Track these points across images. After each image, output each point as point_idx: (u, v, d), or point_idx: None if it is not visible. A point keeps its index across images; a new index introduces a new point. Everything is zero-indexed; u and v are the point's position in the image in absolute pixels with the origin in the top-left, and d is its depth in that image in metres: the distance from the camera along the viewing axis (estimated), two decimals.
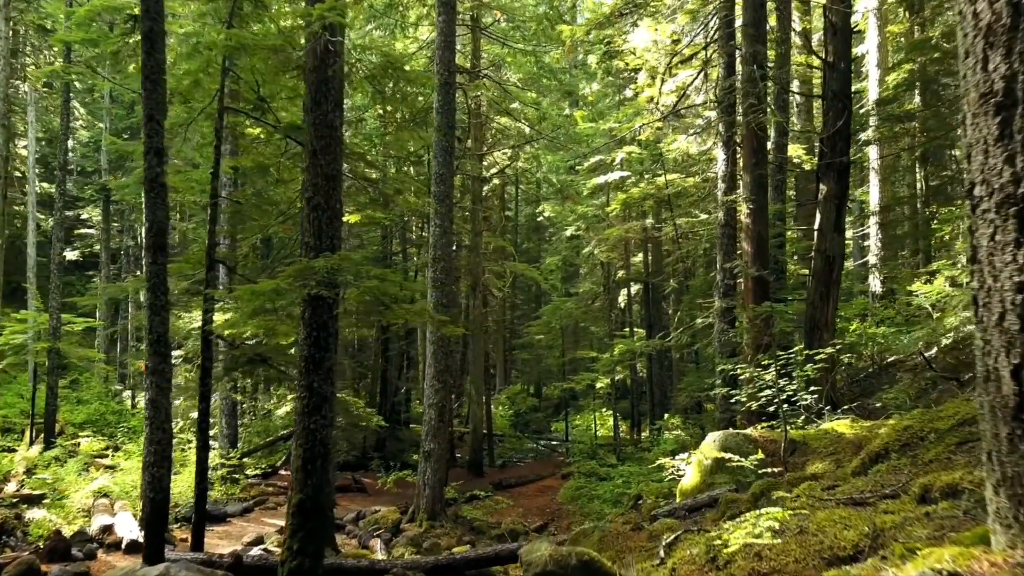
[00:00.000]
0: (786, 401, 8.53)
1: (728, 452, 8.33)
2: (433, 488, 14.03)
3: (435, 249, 14.35)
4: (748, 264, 12.41)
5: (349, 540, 12.98)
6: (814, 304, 12.12)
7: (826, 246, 12.08)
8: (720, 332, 12.75)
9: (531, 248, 43.77)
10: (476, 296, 21.44)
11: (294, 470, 6.70)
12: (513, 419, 32.94)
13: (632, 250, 26.98)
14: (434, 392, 14.19)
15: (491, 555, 7.95)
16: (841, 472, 6.46)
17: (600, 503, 16.17)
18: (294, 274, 6.34)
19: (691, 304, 20.42)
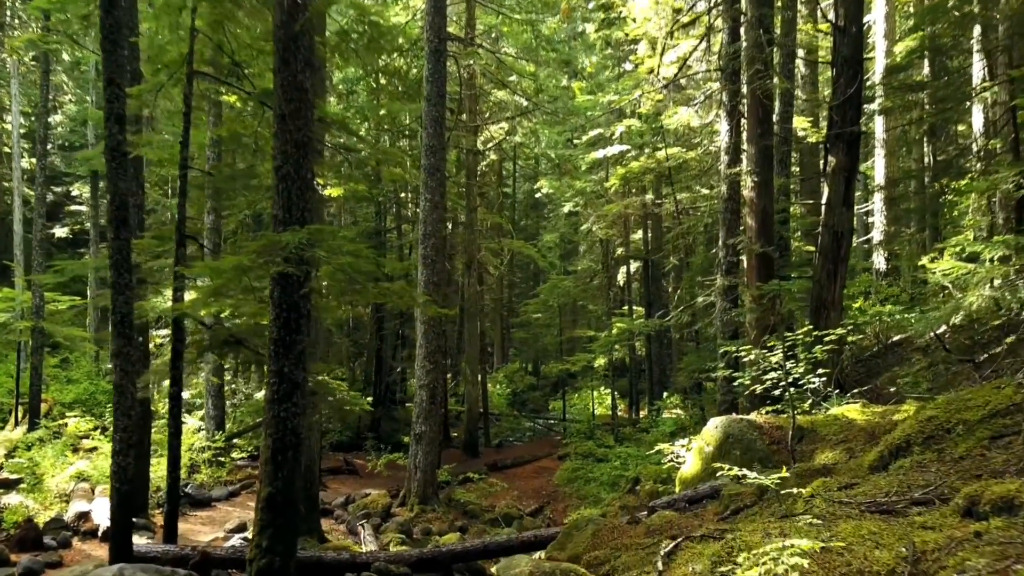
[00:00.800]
0: (792, 384, 8.01)
1: (731, 439, 7.85)
2: (425, 471, 13.60)
3: (425, 225, 13.78)
4: (752, 240, 11.85)
5: (337, 525, 12.56)
6: (820, 282, 11.58)
7: (834, 221, 11.51)
8: (722, 311, 12.22)
9: (529, 225, 43.14)
10: (471, 274, 20.90)
11: (263, 462, 6.20)
12: (510, 398, 32.53)
13: (632, 227, 26.38)
14: (425, 373, 13.70)
15: (479, 548, 7.49)
16: (855, 464, 5.96)
17: (597, 486, 15.76)
18: (259, 250, 5.79)
19: (692, 282, 19.88)
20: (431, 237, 13.71)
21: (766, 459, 7.52)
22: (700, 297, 13.04)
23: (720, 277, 12.47)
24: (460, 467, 18.97)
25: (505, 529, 13.23)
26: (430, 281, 13.66)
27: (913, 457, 4.69)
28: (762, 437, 7.72)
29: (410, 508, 13.41)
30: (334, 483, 16.36)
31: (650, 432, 17.97)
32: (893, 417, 7.25)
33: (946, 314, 8.32)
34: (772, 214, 12.22)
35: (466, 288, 21.30)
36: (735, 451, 7.74)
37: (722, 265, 12.48)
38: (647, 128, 20.38)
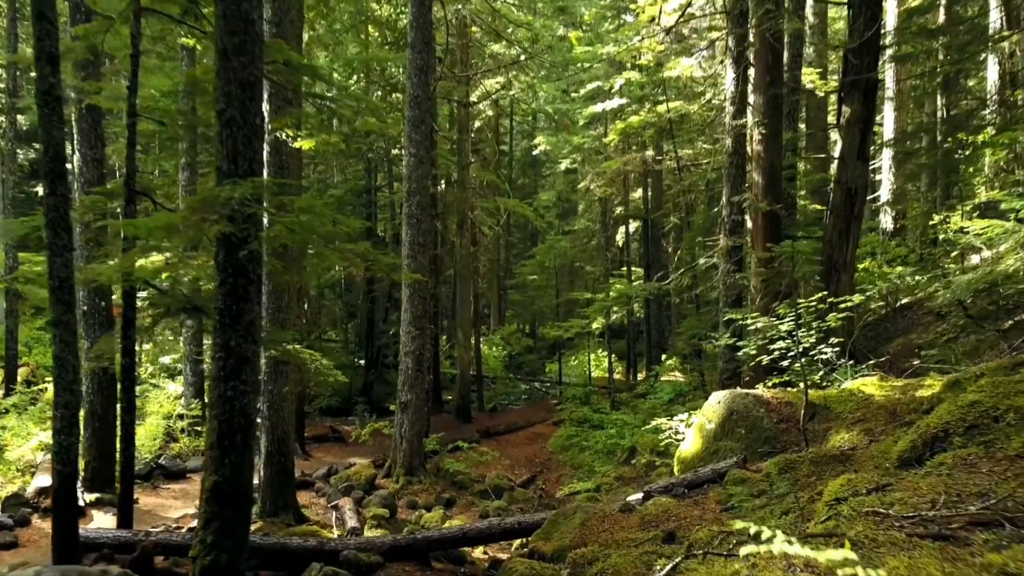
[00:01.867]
0: (803, 355, 7.28)
1: (735, 416, 7.14)
2: (411, 441, 12.97)
3: (410, 182, 12.93)
4: (758, 197, 11.02)
5: (318, 498, 11.96)
6: (832, 243, 10.79)
7: (847, 176, 10.68)
8: (725, 274, 11.46)
9: (527, 184, 42.11)
10: (464, 234, 20.07)
11: (208, 446, 5.49)
12: (507, 360, 31.93)
13: (631, 185, 25.46)
14: (411, 339, 12.98)
15: (457, 535, 6.85)
16: (878, 451, 5.24)
17: (592, 455, 15.18)
18: (195, 206, 4.99)
19: (692, 242, 19.07)
20: (416, 194, 12.86)
21: (773, 439, 6.83)
22: (702, 259, 12.25)
23: (723, 237, 11.67)
24: (451, 433, 18.39)
25: (494, 502, 12.65)
26: (415, 241, 12.86)
27: (955, 452, 3.95)
28: (769, 414, 7.02)
29: (395, 479, 12.82)
30: (319, 451, 15.77)
31: (647, 398, 17.36)
32: (916, 393, 6.53)
33: (979, 278, 7.55)
34: (780, 169, 11.37)
35: (458, 248, 20.49)
36: (739, 429, 7.04)
37: (725, 224, 11.67)
38: (647, 80, 19.35)
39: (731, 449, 7.00)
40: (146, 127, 9.07)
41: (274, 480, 9.98)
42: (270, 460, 9.97)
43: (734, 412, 7.13)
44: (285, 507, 10.03)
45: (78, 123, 10.56)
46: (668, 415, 14.80)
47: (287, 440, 10.07)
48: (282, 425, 10.01)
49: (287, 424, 10.09)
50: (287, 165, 9.95)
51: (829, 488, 4.00)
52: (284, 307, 9.98)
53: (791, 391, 7.40)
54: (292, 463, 10.26)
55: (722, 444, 7.11)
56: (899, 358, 11.04)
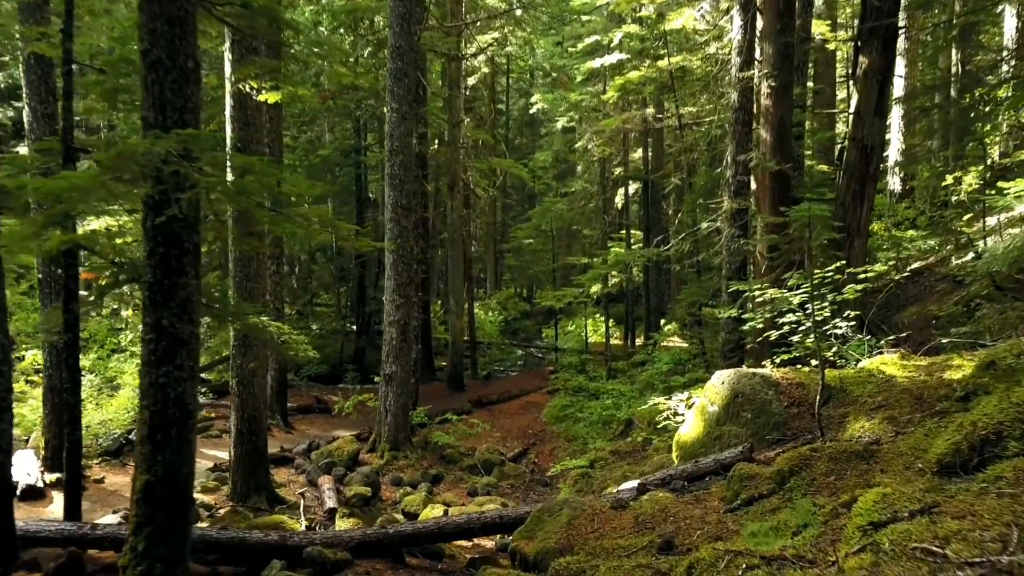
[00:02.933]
0: (818, 331, 6.56)
1: (741, 398, 6.45)
2: (396, 415, 12.34)
3: (392, 139, 12.08)
4: (766, 156, 10.20)
5: (297, 476, 11.37)
6: (844, 205, 10.02)
7: (863, 133, 9.86)
8: (729, 239, 10.68)
9: (524, 144, 41.07)
10: (455, 196, 19.22)
11: (139, 441, 4.80)
12: (503, 326, 31.30)
13: (631, 145, 24.52)
14: (395, 308, 12.27)
15: (432, 530, 6.22)
16: (907, 446, 4.55)
17: (587, 426, 14.58)
18: (108, 163, 4.22)
19: (694, 205, 18.25)
20: (399, 153, 12.03)
21: (783, 425, 6.15)
22: (704, 223, 11.46)
23: (727, 199, 10.87)
24: (442, 403, 17.80)
25: (484, 478, 12.08)
26: (398, 204, 12.07)
27: (1015, 463, 3.24)
28: (779, 397, 6.33)
29: (380, 455, 12.21)
30: (303, 423, 15.17)
31: (645, 367, 16.71)
32: (944, 375, 5.82)
33: (1018, 248, 6.80)
34: (790, 125, 10.53)
35: (450, 211, 19.66)
36: (745, 414, 6.36)
37: (730, 185, 10.86)
38: (648, 33, 18.33)
39: (736, 435, 6.32)
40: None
41: (245, 460, 9.35)
42: (241, 439, 9.33)
43: (739, 394, 6.44)
44: (258, 488, 9.43)
45: (26, 75, 9.68)
46: (666, 386, 14.19)
47: (259, 418, 9.42)
48: (253, 402, 9.35)
49: (258, 401, 9.43)
50: (253, 121, 9.12)
51: (861, 504, 3.30)
52: (253, 275, 9.24)
53: (803, 370, 6.70)
54: (265, 442, 9.62)
55: (726, 429, 6.44)
56: (914, 329, 10.34)
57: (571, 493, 10.92)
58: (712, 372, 14.43)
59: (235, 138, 9.02)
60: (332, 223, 5.24)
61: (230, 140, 9.08)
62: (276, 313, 14.28)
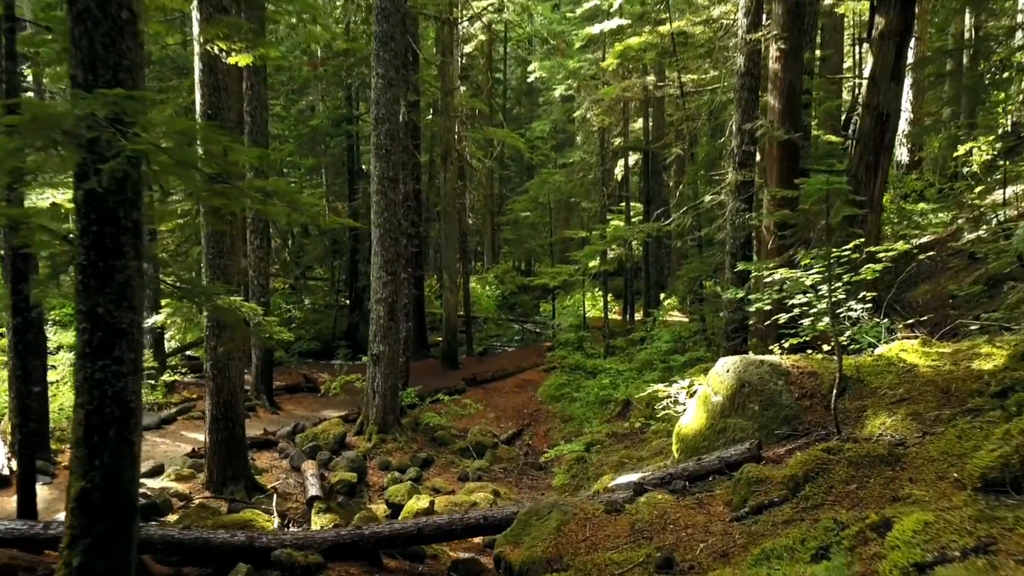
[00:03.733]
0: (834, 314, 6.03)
1: (747, 388, 5.92)
2: (384, 396, 11.85)
3: (378, 107, 11.43)
4: (774, 124, 9.58)
5: (280, 460, 10.90)
6: (857, 177, 9.42)
7: (879, 100, 9.22)
8: (733, 213, 10.08)
9: (522, 113, 40.18)
10: (448, 167, 18.55)
11: (74, 443, 4.28)
12: (500, 300, 30.75)
13: (631, 114, 23.76)
14: (382, 285, 11.71)
15: (411, 531, 5.73)
16: (938, 450, 4.03)
17: (583, 406, 14.11)
18: (23, 128, 3.63)
19: (695, 176, 17.61)
20: (385, 121, 11.38)
21: (794, 419, 5.62)
22: (707, 196, 10.86)
23: (732, 171, 10.25)
24: (435, 381, 17.33)
25: (475, 461, 11.62)
26: (385, 175, 11.46)
27: None
28: (789, 388, 5.79)
29: (368, 437, 11.75)
30: (290, 403, 14.69)
31: (644, 344, 16.20)
32: (972, 364, 5.29)
33: None
34: (801, 91, 9.89)
35: (443, 183, 19.00)
36: (752, 405, 5.83)
37: (735, 156, 10.23)
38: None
39: (742, 428, 5.80)
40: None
41: (221, 448, 8.86)
42: (216, 425, 8.83)
43: (746, 384, 5.91)
44: (235, 477, 8.95)
45: None
46: (665, 366, 13.68)
47: (235, 403, 8.91)
48: (228, 386, 8.84)
49: (234, 384, 8.91)
50: (224, 87, 8.48)
51: (897, 533, 2.77)
52: (226, 252, 8.67)
53: (815, 357, 6.16)
54: (242, 427, 9.13)
55: (731, 422, 5.92)
56: (929, 309, 9.80)
57: (565, 479, 10.47)
58: (713, 351, 13.96)
59: (205, 105, 8.39)
60: (292, 198, 4.66)
61: (200, 107, 8.46)
62: (261, 289, 13.74)
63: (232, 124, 8.61)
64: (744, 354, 10.55)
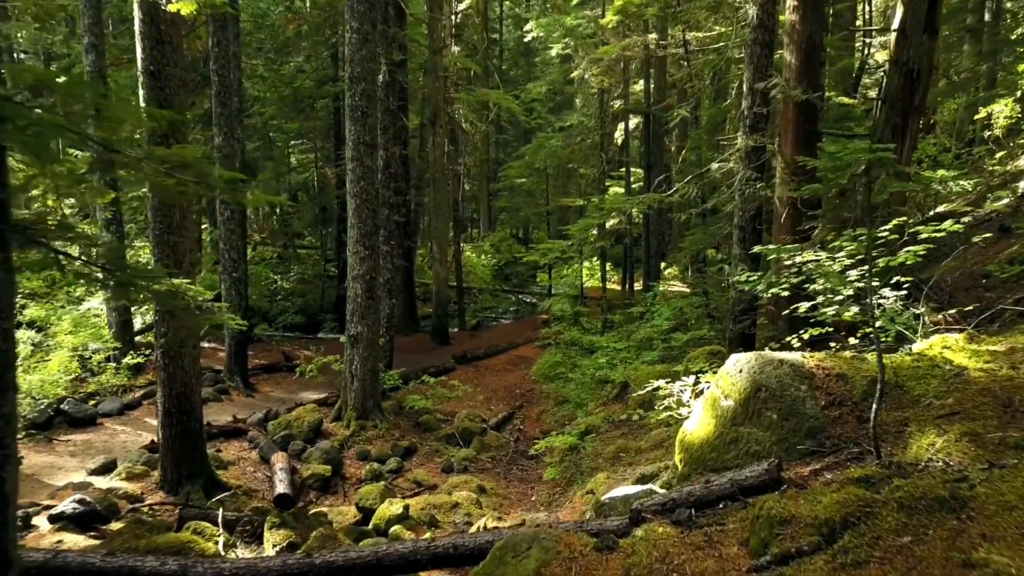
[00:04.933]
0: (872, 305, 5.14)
1: (764, 392, 5.04)
2: (363, 380, 11.01)
3: (352, 65, 10.39)
4: (791, 82, 8.56)
5: (249, 452, 10.09)
6: (882, 142, 8.43)
7: (909, 55, 8.20)
8: (743, 182, 9.11)
9: (519, 75, 38.80)
10: (437, 131, 17.49)
11: None
12: (495, 270, 29.83)
13: (631, 75, 22.58)
14: (359, 261, 10.80)
15: (369, 560, 4.90)
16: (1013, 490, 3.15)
17: (579, 387, 13.28)
18: None
19: (699, 141, 16.57)
20: (361, 81, 10.36)
21: (820, 432, 4.75)
22: (714, 163, 9.86)
23: (742, 136, 9.25)
24: (425, 357, 16.53)
25: (461, 450, 10.83)
26: (361, 140, 10.47)
27: None
28: (813, 393, 4.91)
29: (346, 424, 10.93)
30: (267, 385, 13.86)
31: (644, 320, 15.34)
32: None
33: None
34: (821, 46, 8.85)
35: (432, 148, 17.94)
36: (770, 413, 4.96)
37: (745, 119, 9.22)
38: None
39: (757, 441, 4.94)
40: None
41: (175, 444, 8.03)
42: (169, 419, 7.98)
43: (762, 387, 5.03)
44: (192, 475, 8.14)
45: None
46: (667, 345, 12.83)
47: (189, 394, 8.04)
48: (182, 376, 7.96)
49: (189, 374, 8.03)
50: (169, 39, 7.46)
51: None
52: (176, 227, 7.72)
53: (843, 356, 5.26)
54: (199, 421, 8.27)
55: (744, 431, 5.05)
56: (958, 289, 8.89)
57: (557, 471, 9.67)
58: (717, 329, 13.08)
59: (147, 60, 7.39)
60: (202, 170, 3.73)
61: (141, 62, 7.46)
62: (233, 264, 12.81)
63: (179, 82, 7.60)
64: (752, 335, 9.70)
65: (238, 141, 14.96)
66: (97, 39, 12.49)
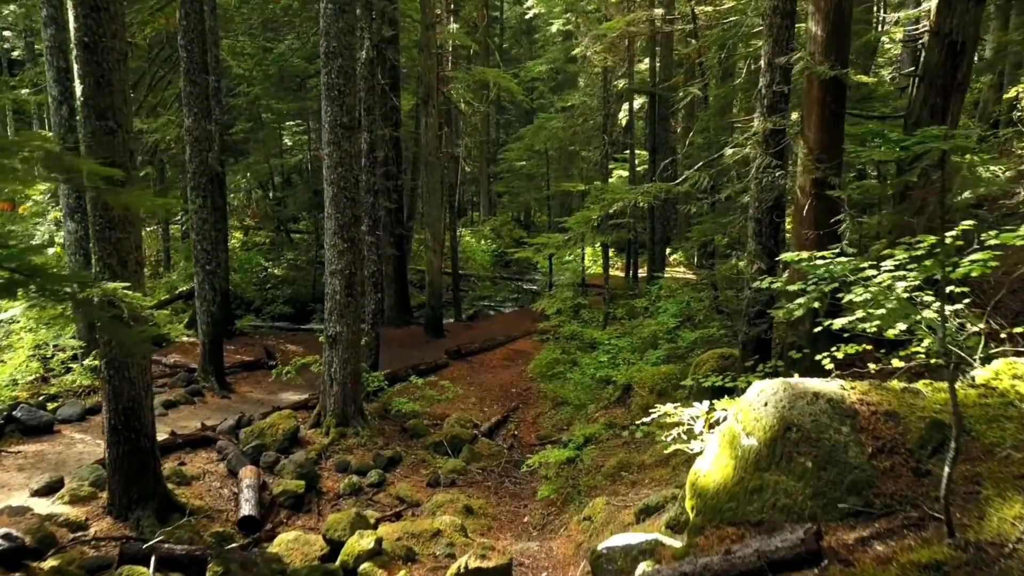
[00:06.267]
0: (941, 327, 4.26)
1: (795, 432, 4.15)
2: (343, 384, 10.14)
3: (327, 39, 9.42)
4: (817, 57, 7.58)
5: (216, 464, 9.23)
6: (920, 124, 7.47)
7: (951, 25, 7.23)
8: (761, 170, 8.16)
9: (520, 54, 37.65)
10: (429, 111, 16.49)
11: None
12: (495, 256, 28.90)
13: (636, 53, 21.49)
14: (338, 255, 9.88)
15: None
16: None
17: (578, 388, 12.41)
18: None
19: (708, 122, 15.55)
20: (337, 56, 9.39)
21: (867, 486, 3.85)
22: (729, 148, 8.89)
23: (760, 117, 8.26)
24: (417, 351, 15.67)
25: (450, 461, 10.00)
26: (338, 122, 9.52)
27: None
28: (857, 437, 4.01)
29: (325, 431, 10.08)
30: (246, 384, 12.99)
31: (648, 313, 14.43)
32: None
33: None
34: (851, 15, 7.85)
35: (423, 130, 16.95)
36: (803, 460, 4.06)
37: (763, 99, 8.22)
38: None
39: (787, 492, 4.05)
40: None
41: (123, 464, 7.18)
42: (116, 437, 7.13)
43: (793, 426, 4.13)
44: (143, 498, 7.30)
45: None
46: (674, 346, 11.93)
47: (138, 409, 7.18)
48: (129, 389, 7.09)
49: (138, 386, 7.16)
50: (105, 5, 6.50)
51: None
52: (118, 222, 6.81)
53: (891, 388, 4.34)
54: (150, 437, 7.41)
55: (771, 479, 4.16)
56: (1000, 293, 7.94)
57: (552, 489, 8.81)
58: (727, 326, 12.15)
59: (80, 29, 6.46)
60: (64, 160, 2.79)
61: (74, 33, 6.53)
62: (206, 256, 11.90)
63: (119, 56, 6.65)
64: (768, 340, 8.76)
65: (216, 123, 14.02)
66: (56, 10, 11.52)
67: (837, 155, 7.78)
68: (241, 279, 20.51)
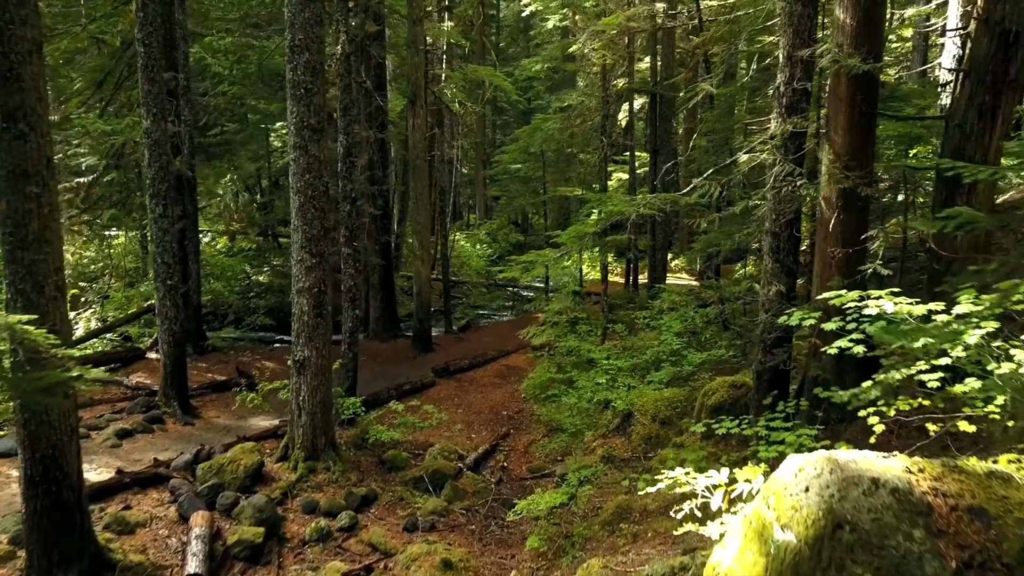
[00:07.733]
0: None
1: (847, 530, 3.15)
2: (312, 415, 9.16)
3: (292, 30, 8.42)
4: (845, 49, 6.58)
5: (165, 507, 8.22)
6: (965, 125, 6.53)
7: (1004, 12, 6.25)
8: (779, 178, 7.17)
9: (518, 53, 36.66)
10: (417, 112, 15.50)
11: None
12: (491, 261, 27.89)
13: (636, 51, 20.53)
14: (305, 271, 8.89)
15: None
16: None
17: (574, 413, 11.39)
18: None
19: (715, 124, 14.57)
20: (303, 51, 8.40)
21: None
22: (742, 154, 7.89)
23: (777, 118, 7.27)
24: (403, 368, 14.69)
25: (430, 500, 9.01)
26: (304, 124, 8.53)
27: None
28: (934, 543, 3.01)
29: (292, 466, 9.09)
30: (213, 408, 11.98)
31: (650, 327, 13.44)
32: None
33: None
34: (884, 2, 6.88)
35: (411, 132, 15.95)
36: (859, 570, 3.07)
37: (782, 98, 7.23)
38: None
39: None
40: None
41: (42, 521, 6.17)
42: (33, 491, 6.13)
43: (846, 524, 3.14)
44: (67, 559, 6.30)
45: None
46: (678, 369, 10.95)
47: (60, 457, 6.18)
48: (48, 435, 6.09)
49: (58, 431, 6.16)
50: None
51: None
52: (33, 241, 5.82)
53: (972, 471, 3.34)
54: (75, 489, 6.40)
55: None
56: None
57: (542, 539, 7.78)
58: (736, 347, 11.18)
59: None
60: None
61: None
62: (167, 270, 10.89)
63: (32, 46, 5.67)
64: (786, 371, 7.77)
65: (185, 123, 13.03)
66: None
67: (868, 162, 6.80)
68: (223, 287, 19.54)
